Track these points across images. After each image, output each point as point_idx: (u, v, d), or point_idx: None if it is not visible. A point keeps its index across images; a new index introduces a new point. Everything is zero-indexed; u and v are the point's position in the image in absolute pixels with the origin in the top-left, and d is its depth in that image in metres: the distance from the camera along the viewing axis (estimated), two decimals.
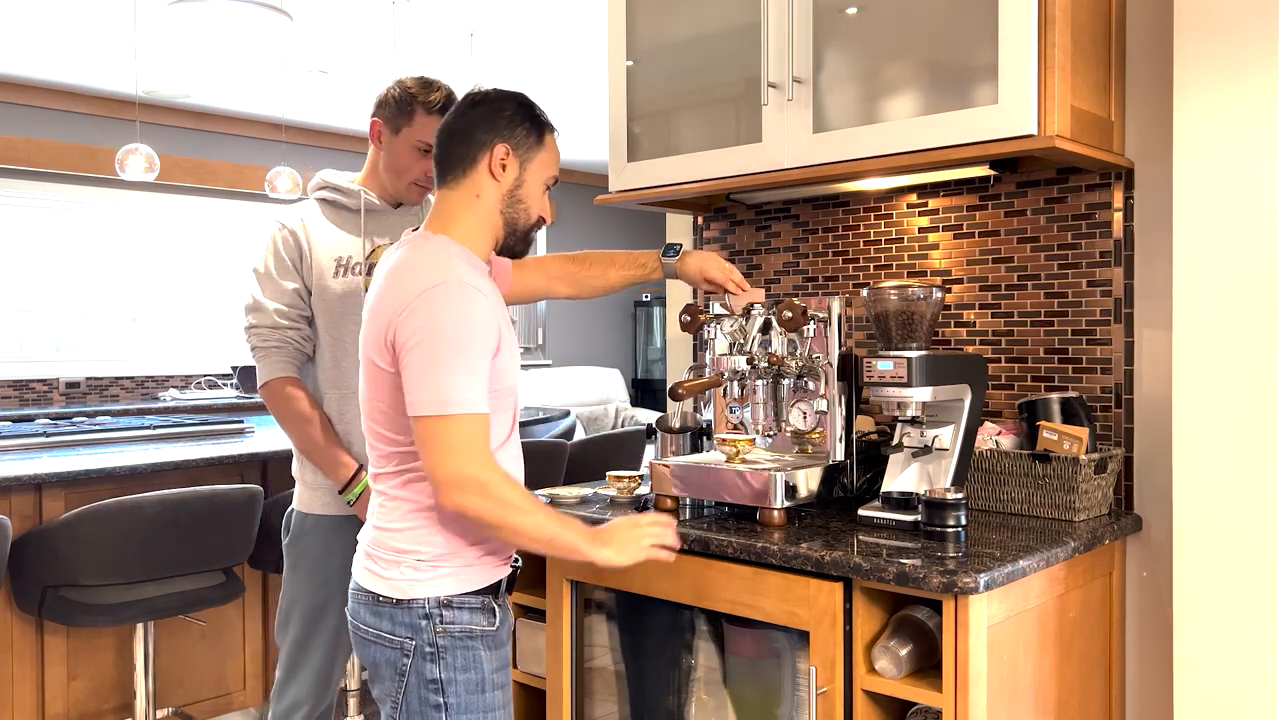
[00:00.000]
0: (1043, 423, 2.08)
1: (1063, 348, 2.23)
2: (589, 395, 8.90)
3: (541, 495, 2.34)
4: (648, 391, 10.09)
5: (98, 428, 3.76)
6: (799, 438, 2.22)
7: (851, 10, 2.11)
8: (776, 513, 2.00)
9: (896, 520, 1.98)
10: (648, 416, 8.71)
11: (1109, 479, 2.09)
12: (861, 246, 2.53)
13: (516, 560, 1.83)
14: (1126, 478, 2.17)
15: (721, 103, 2.33)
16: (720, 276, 2.15)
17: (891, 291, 2.05)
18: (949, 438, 2.03)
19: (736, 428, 2.31)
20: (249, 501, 2.93)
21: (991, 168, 2.17)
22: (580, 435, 5.20)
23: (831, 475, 2.13)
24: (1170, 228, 2.03)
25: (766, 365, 2.19)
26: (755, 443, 2.24)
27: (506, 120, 1.75)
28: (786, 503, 2.01)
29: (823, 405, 2.16)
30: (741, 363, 2.20)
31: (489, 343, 1.64)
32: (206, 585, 2.95)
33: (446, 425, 1.60)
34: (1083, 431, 2.03)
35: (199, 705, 3.37)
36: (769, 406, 2.22)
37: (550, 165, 1.80)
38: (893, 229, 2.47)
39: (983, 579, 1.63)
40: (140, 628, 2.99)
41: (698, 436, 2.44)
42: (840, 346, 2.16)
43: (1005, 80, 1.88)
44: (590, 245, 9.85)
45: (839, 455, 2.16)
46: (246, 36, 5.25)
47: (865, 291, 2.11)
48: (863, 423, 2.33)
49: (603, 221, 10.01)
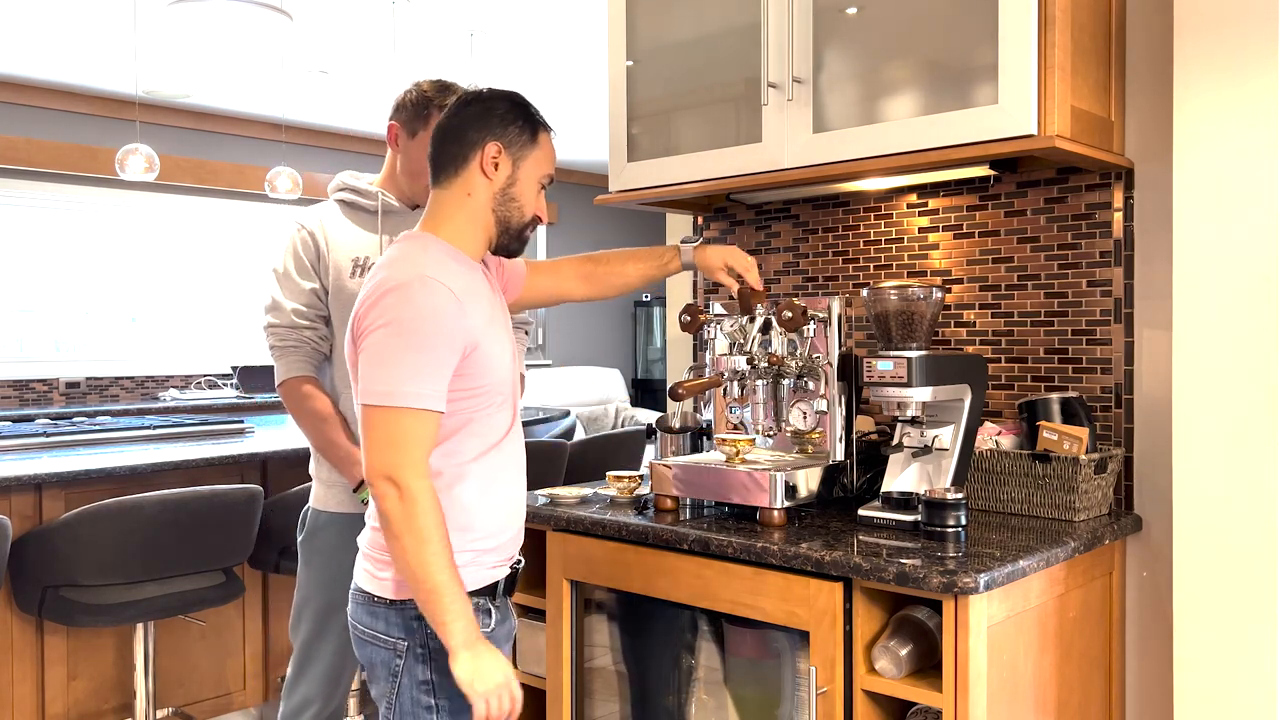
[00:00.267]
0: (1043, 423, 2.08)
1: (1063, 348, 2.23)
2: (589, 395, 8.90)
3: (541, 495, 2.34)
4: (648, 391, 10.09)
5: (98, 428, 3.76)
6: (799, 438, 2.22)
7: (851, 10, 2.11)
8: (776, 513, 2.00)
9: (896, 520, 1.98)
10: (648, 416, 8.71)
11: (1109, 479, 2.09)
12: (861, 246, 2.53)
13: (518, 561, 1.81)
14: (1126, 478, 2.17)
15: (721, 103, 2.33)
16: (744, 265, 2.11)
17: (891, 291, 2.05)
18: (949, 438, 2.03)
19: (736, 428, 2.31)
20: (249, 501, 2.93)
21: (991, 168, 2.17)
22: (580, 435, 5.20)
23: (831, 475, 2.13)
24: (1170, 228, 2.03)
25: (766, 365, 2.19)
26: (755, 443, 2.24)
27: (499, 119, 1.74)
28: (786, 503, 2.01)
29: (823, 405, 2.16)
30: (741, 363, 2.20)
31: (452, 339, 1.61)
32: (206, 585, 2.95)
33: (386, 417, 1.58)
34: (1083, 431, 2.03)
35: (199, 705, 3.37)
36: (769, 406, 2.22)
37: (544, 164, 1.79)
38: (893, 229, 2.47)
39: (983, 579, 1.63)
40: (140, 628, 2.99)
41: (698, 436, 2.44)
42: (840, 346, 2.16)
43: (1005, 80, 1.88)
44: (590, 245, 9.85)
45: (839, 455, 2.16)
46: (246, 36, 5.25)
47: (865, 291, 2.11)
48: (863, 423, 2.33)
49: (603, 221, 10.01)
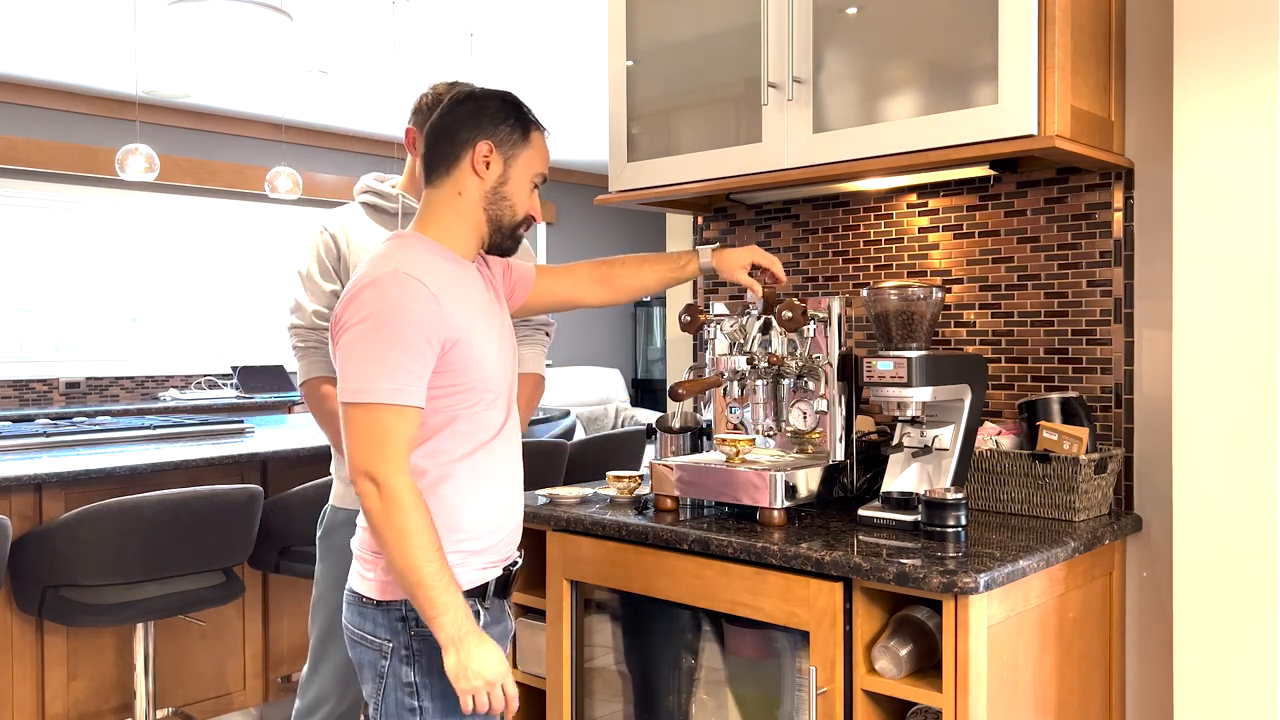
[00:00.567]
0: (1043, 423, 2.08)
1: (1063, 348, 2.23)
2: (589, 395, 8.90)
3: (541, 495, 2.34)
4: (648, 391, 10.08)
5: (98, 428, 3.76)
6: (799, 438, 2.22)
7: (851, 10, 2.11)
8: (776, 513, 2.00)
9: (896, 520, 1.98)
10: (648, 416, 8.71)
11: (1109, 479, 2.09)
12: (861, 246, 2.53)
13: (515, 562, 1.80)
14: (1126, 478, 2.17)
15: (721, 103, 2.33)
16: (768, 260, 2.09)
17: (891, 291, 2.05)
18: (949, 438, 2.03)
19: (736, 428, 2.31)
20: (249, 501, 2.93)
21: (991, 168, 2.17)
22: (580, 435, 5.20)
23: (831, 475, 2.13)
24: (1170, 228, 2.03)
25: (766, 365, 2.19)
26: (755, 443, 2.24)
27: (490, 118, 1.74)
28: (786, 503, 2.01)
29: (823, 405, 2.16)
30: (741, 363, 2.20)
31: (427, 333, 1.60)
32: (206, 585, 2.95)
33: (362, 413, 1.58)
34: (1083, 431, 2.03)
35: (199, 705, 3.37)
36: (769, 406, 2.22)
37: (536, 162, 1.78)
38: (893, 229, 2.47)
39: (983, 579, 1.63)
40: (140, 628, 2.99)
41: (698, 436, 2.44)
42: (840, 346, 2.16)
43: (1005, 80, 1.88)
44: (590, 245, 9.85)
45: (839, 455, 2.16)
46: (246, 36, 5.25)
47: (865, 291, 2.11)
48: (863, 423, 2.33)
49: (602, 222, 10.01)
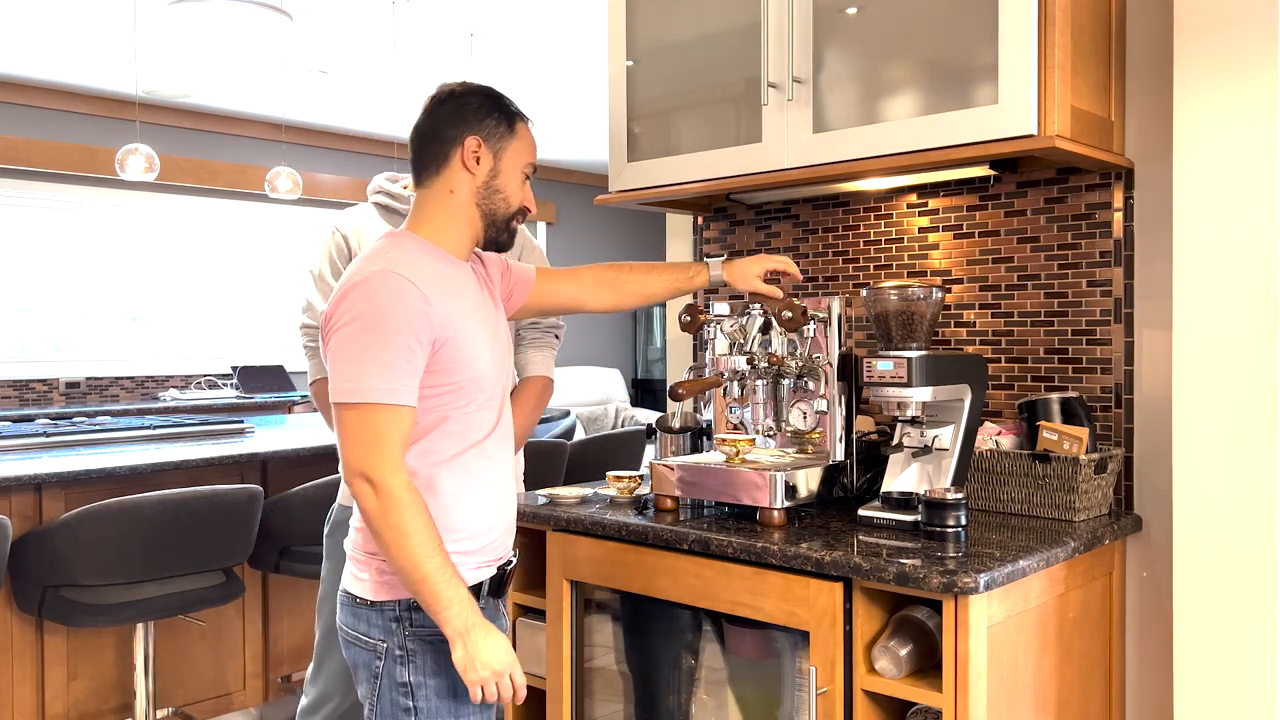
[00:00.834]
0: (1043, 423, 2.08)
1: (1063, 348, 2.23)
2: (589, 395, 8.90)
3: (541, 495, 2.34)
4: (648, 391, 10.08)
5: (98, 428, 3.76)
6: (799, 438, 2.22)
7: (851, 10, 2.11)
8: (776, 513, 2.00)
9: (896, 520, 1.98)
10: (648, 416, 8.71)
11: (1109, 479, 2.09)
12: (861, 246, 2.53)
13: (509, 561, 1.80)
14: (1126, 478, 2.17)
15: (721, 103, 2.33)
16: (783, 263, 2.08)
17: (891, 291, 2.05)
18: (949, 438, 2.03)
19: (736, 428, 2.31)
20: (249, 501, 2.93)
21: (991, 168, 2.17)
22: (580, 435, 5.20)
23: (831, 475, 2.13)
24: (1170, 228, 2.03)
25: (766, 365, 2.19)
26: (755, 443, 2.24)
27: (474, 113, 1.73)
28: (786, 503, 2.01)
29: (823, 405, 2.16)
30: (741, 363, 2.20)
31: (417, 332, 1.60)
32: (206, 585, 2.95)
33: (355, 413, 1.58)
34: (1083, 431, 2.03)
35: (199, 705, 3.37)
36: (769, 406, 2.22)
37: (525, 153, 1.78)
38: (893, 229, 2.47)
39: (983, 579, 1.63)
40: (140, 628, 2.99)
41: (698, 436, 2.44)
42: (840, 346, 2.15)
43: (1005, 80, 1.88)
44: (590, 245, 9.85)
45: (839, 455, 2.16)
46: (246, 36, 5.25)
47: (865, 291, 2.11)
48: (863, 423, 2.33)
49: (603, 222, 10.01)
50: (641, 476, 2.31)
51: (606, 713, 2.18)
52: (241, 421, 4.02)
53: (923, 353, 1.99)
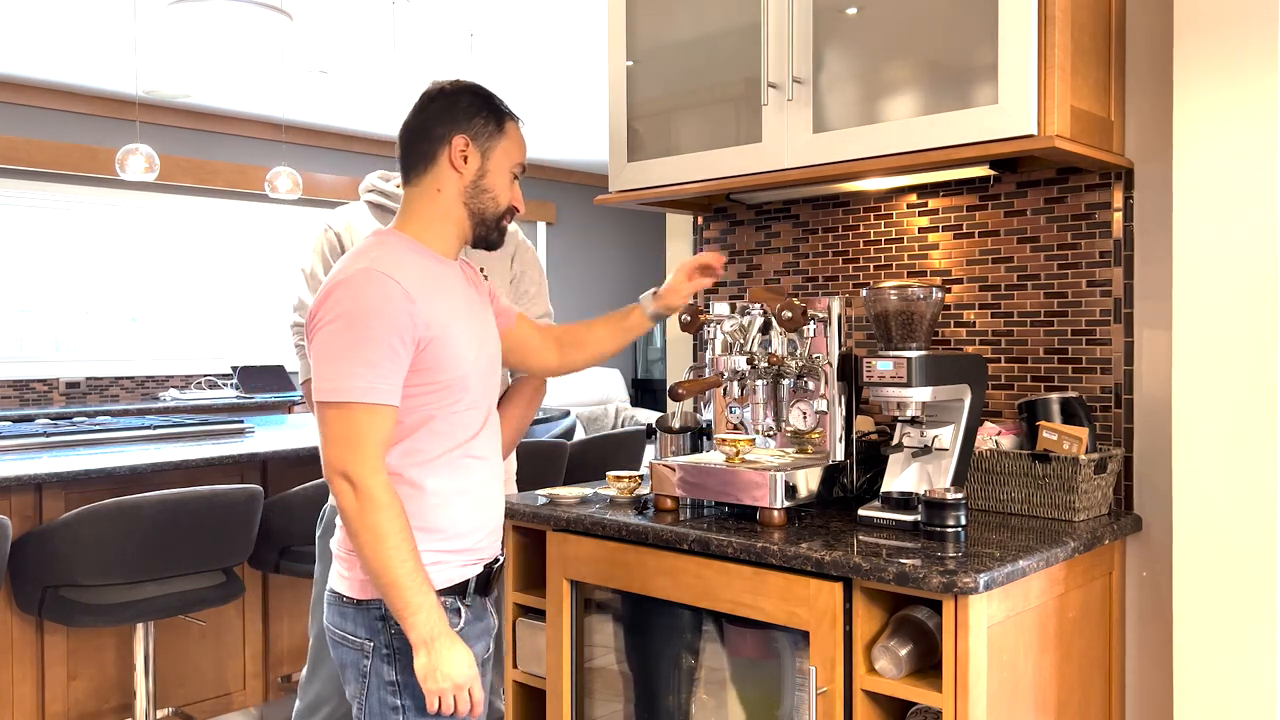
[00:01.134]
0: (1043, 423, 2.08)
1: (1063, 348, 2.23)
2: (589, 395, 8.90)
3: (541, 495, 2.34)
4: (648, 391, 10.08)
5: (98, 428, 3.76)
6: (799, 438, 2.22)
7: (851, 10, 2.11)
8: (776, 513, 2.00)
9: (896, 520, 1.98)
10: (648, 416, 8.71)
11: (1109, 479, 2.09)
12: (861, 246, 2.53)
13: (497, 559, 1.79)
14: (1126, 478, 2.17)
15: (721, 103, 2.33)
16: (700, 259, 2.09)
17: (891, 291, 2.05)
18: (949, 438, 2.03)
19: (736, 428, 2.31)
20: (249, 501, 2.93)
21: (991, 168, 2.17)
22: (580, 435, 5.20)
23: (831, 475, 2.13)
24: (1170, 228, 2.03)
25: (766, 365, 2.19)
26: (755, 443, 2.24)
27: (463, 111, 1.73)
28: (786, 503, 2.01)
29: (823, 405, 2.16)
30: (741, 363, 2.20)
31: (401, 331, 1.59)
32: (206, 585, 2.95)
33: (337, 412, 1.57)
34: (1083, 431, 2.03)
35: (199, 705, 3.37)
36: (769, 406, 2.22)
37: (514, 153, 1.77)
38: (893, 229, 2.47)
39: (983, 579, 1.63)
40: (140, 628, 2.99)
41: (698, 436, 2.43)
42: (840, 346, 2.16)
43: (1005, 80, 1.88)
44: (590, 245, 9.85)
45: (839, 455, 2.16)
46: (246, 36, 5.25)
47: (865, 291, 2.11)
48: (863, 423, 2.33)
49: (603, 222, 10.01)
50: (641, 476, 2.31)
51: (606, 713, 2.18)
52: (241, 421, 4.02)
53: (923, 353, 1.99)
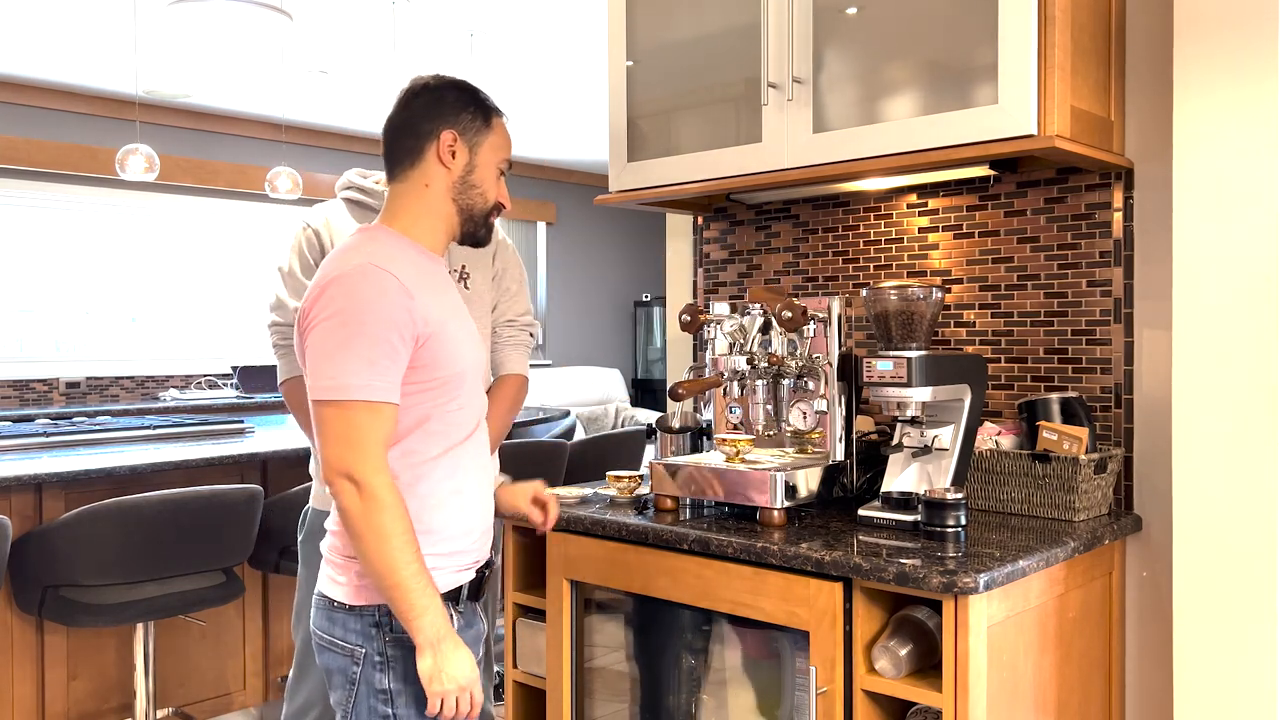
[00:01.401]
0: (1043, 423, 2.08)
1: (1063, 348, 2.23)
2: (589, 395, 8.90)
3: None
4: (648, 391, 10.08)
5: (98, 428, 3.76)
6: (799, 438, 2.22)
7: (851, 10, 2.11)
8: (776, 513, 2.00)
9: (896, 520, 1.98)
10: (648, 416, 8.71)
11: (1109, 479, 2.09)
12: (861, 246, 2.53)
13: (488, 564, 1.77)
14: (1126, 478, 2.17)
15: (721, 103, 2.33)
16: (546, 497, 2.04)
17: (891, 291, 2.05)
18: (949, 438, 2.03)
19: (736, 428, 2.31)
20: (249, 501, 2.93)
21: (991, 168, 2.17)
22: (580, 435, 5.20)
23: (831, 475, 2.13)
24: (1170, 228, 2.03)
25: (766, 365, 2.19)
26: (755, 443, 2.24)
27: (450, 106, 1.71)
28: (786, 503, 2.01)
29: (823, 405, 2.16)
30: (741, 363, 2.20)
31: (400, 328, 1.56)
32: (206, 585, 2.95)
33: (338, 412, 1.54)
34: (1083, 431, 2.03)
35: (199, 705, 3.37)
36: (769, 406, 2.22)
37: (500, 148, 1.76)
38: (893, 229, 2.47)
39: (982, 579, 1.63)
40: (140, 628, 2.99)
41: (698, 436, 2.43)
42: (840, 346, 2.16)
43: (1005, 80, 1.88)
44: (590, 245, 9.85)
45: (839, 455, 2.16)
46: (246, 36, 5.25)
47: (865, 291, 2.11)
48: (863, 423, 2.33)
49: (603, 221, 10.01)
50: (641, 476, 2.31)
51: (606, 713, 2.18)
52: (241, 421, 4.02)
53: (923, 353, 1.99)
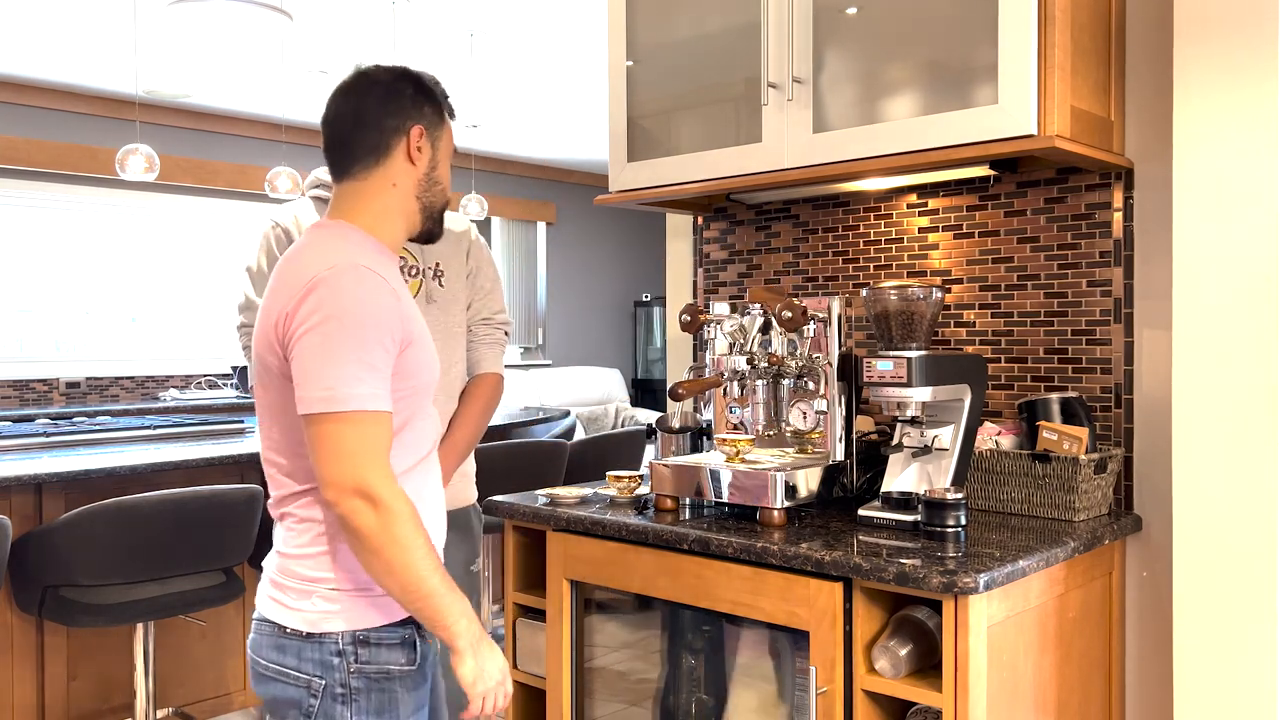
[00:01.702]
0: (1043, 423, 2.08)
1: (1063, 348, 2.23)
2: (589, 395, 8.90)
3: (541, 495, 2.34)
4: (648, 391, 10.09)
5: (98, 428, 3.76)
6: (799, 438, 2.22)
7: (851, 10, 2.11)
8: (776, 513, 2.00)
9: (896, 520, 1.98)
10: (648, 416, 8.71)
11: (1109, 479, 2.09)
12: (861, 246, 2.53)
13: None
14: (1126, 478, 2.17)
15: (721, 103, 2.33)
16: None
17: (891, 291, 2.05)
18: (949, 438, 2.03)
19: (736, 428, 2.31)
20: (249, 501, 2.93)
21: (991, 168, 2.17)
22: (580, 435, 5.20)
23: (831, 475, 2.13)
24: (1170, 228, 2.03)
25: (766, 365, 2.19)
26: (755, 443, 2.24)
27: (411, 100, 1.61)
28: (786, 503, 2.01)
29: (823, 405, 2.16)
30: (741, 363, 2.20)
31: (392, 332, 1.47)
32: (206, 585, 2.95)
33: (339, 424, 1.42)
34: (1083, 431, 2.03)
35: (199, 705, 3.37)
36: (769, 406, 2.22)
37: (452, 141, 1.70)
38: (893, 229, 2.47)
39: (982, 579, 1.63)
40: (140, 628, 2.99)
41: (698, 436, 2.44)
42: (840, 346, 2.16)
43: (1005, 80, 1.88)
44: (590, 245, 9.84)
45: (839, 455, 2.16)
46: (246, 36, 5.25)
47: (865, 291, 2.11)
48: (863, 423, 2.33)
49: (603, 221, 10.01)
50: (641, 476, 2.31)
51: (606, 713, 2.18)
52: (241, 421, 4.02)
53: (923, 353, 1.99)
